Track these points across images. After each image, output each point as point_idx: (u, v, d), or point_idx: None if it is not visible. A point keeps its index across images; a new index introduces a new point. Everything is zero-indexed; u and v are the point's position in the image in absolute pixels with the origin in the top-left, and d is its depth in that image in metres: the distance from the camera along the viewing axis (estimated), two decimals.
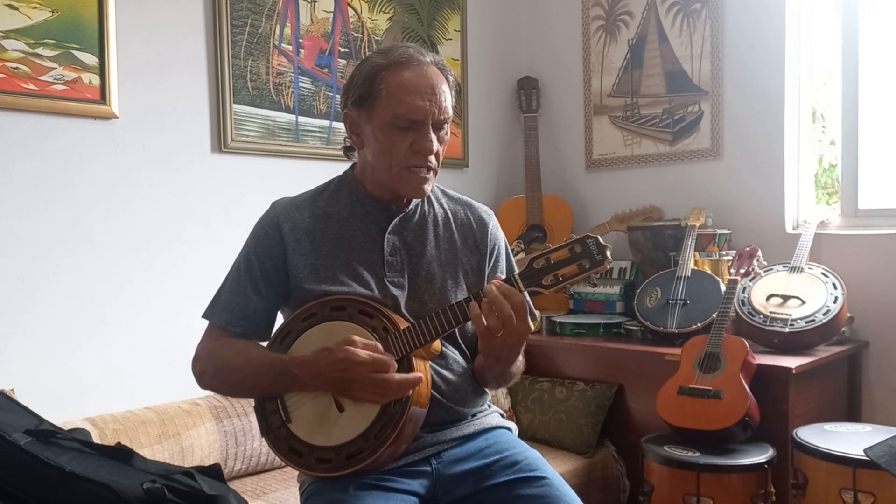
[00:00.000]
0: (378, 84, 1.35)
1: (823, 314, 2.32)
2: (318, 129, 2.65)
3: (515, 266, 1.57)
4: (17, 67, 1.96)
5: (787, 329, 2.32)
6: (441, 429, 1.41)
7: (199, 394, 1.88)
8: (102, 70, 2.10)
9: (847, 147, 2.65)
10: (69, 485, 1.24)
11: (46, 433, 1.32)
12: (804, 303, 2.37)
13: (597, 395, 2.55)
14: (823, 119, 2.85)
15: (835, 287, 2.38)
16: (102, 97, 2.11)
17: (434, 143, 1.37)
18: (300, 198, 1.48)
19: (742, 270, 2.37)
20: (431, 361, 1.36)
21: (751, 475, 2.05)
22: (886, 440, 1.63)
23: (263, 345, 1.43)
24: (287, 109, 2.55)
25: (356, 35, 2.76)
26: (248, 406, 2.18)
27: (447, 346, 1.42)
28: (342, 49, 2.72)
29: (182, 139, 2.30)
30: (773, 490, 2.09)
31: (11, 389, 1.85)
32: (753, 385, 2.14)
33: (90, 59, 2.08)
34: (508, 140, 3.40)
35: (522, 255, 2.94)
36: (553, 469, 1.42)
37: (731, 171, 2.84)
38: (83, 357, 2.09)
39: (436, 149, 1.37)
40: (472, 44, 3.19)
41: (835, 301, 2.35)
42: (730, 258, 2.50)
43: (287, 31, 2.55)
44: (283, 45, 2.54)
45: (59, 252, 2.05)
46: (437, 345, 1.35)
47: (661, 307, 2.52)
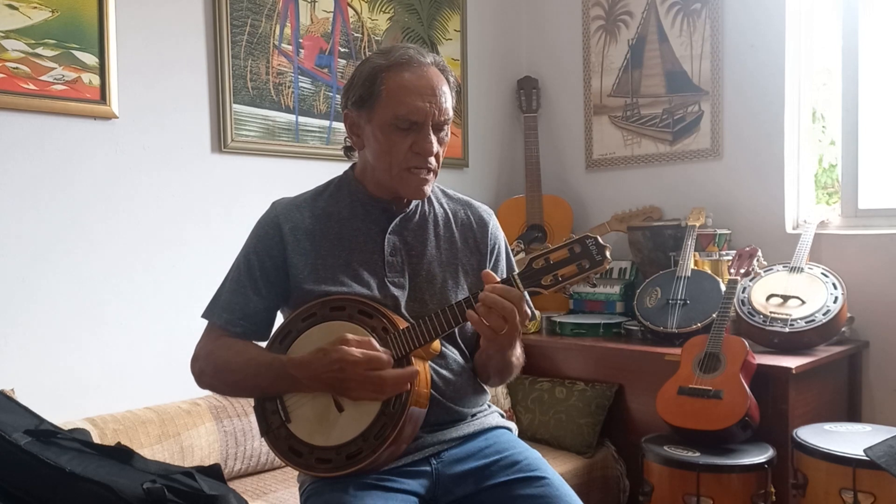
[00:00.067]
0: (378, 85, 1.35)
1: (823, 314, 2.32)
2: (318, 129, 2.65)
3: (515, 265, 1.57)
4: (17, 67, 1.96)
5: (787, 329, 2.32)
6: (441, 429, 1.41)
7: (199, 394, 1.88)
8: (102, 70, 2.10)
9: (847, 147, 2.65)
10: (69, 485, 1.24)
11: (46, 433, 1.32)
12: (804, 303, 2.37)
13: (597, 395, 2.55)
14: (823, 119, 2.85)
15: (835, 287, 2.38)
16: (102, 97, 2.11)
17: (434, 145, 1.37)
18: (300, 198, 1.48)
19: (742, 270, 2.37)
20: (431, 361, 1.36)
21: (751, 475, 2.05)
22: (886, 440, 1.63)
23: (263, 345, 1.43)
24: (287, 109, 2.55)
25: (356, 35, 2.76)
26: (248, 406, 2.18)
27: (446, 346, 1.42)
28: (342, 49, 2.72)
29: (182, 139, 2.30)
30: (773, 490, 2.09)
31: (11, 389, 1.85)
32: (753, 385, 2.14)
33: (90, 59, 2.08)
34: (508, 140, 3.40)
35: (522, 255, 2.94)
36: (553, 469, 1.42)
37: (731, 171, 2.84)
38: (83, 357, 2.09)
39: (436, 150, 1.38)
40: (472, 44, 3.19)
41: (835, 301, 2.35)
42: (730, 258, 2.50)
43: (287, 31, 2.55)
44: (283, 45, 2.54)
45: (59, 252, 2.05)
46: (437, 345, 1.35)
47: (661, 307, 2.52)
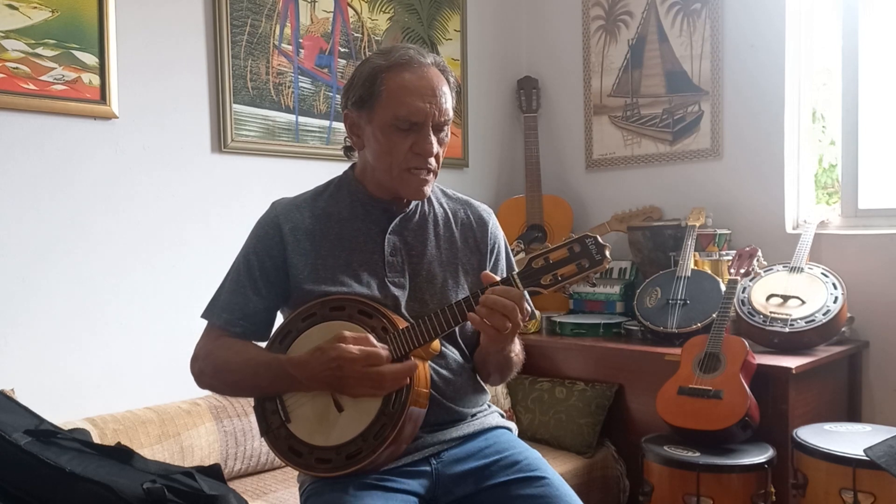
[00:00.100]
0: (379, 85, 1.35)
1: (823, 314, 2.32)
2: (318, 129, 2.65)
3: (515, 264, 1.57)
4: (17, 67, 1.96)
5: (787, 329, 2.32)
6: (441, 429, 1.41)
7: (199, 394, 1.88)
8: (102, 70, 2.10)
9: (847, 147, 2.65)
10: (69, 485, 1.24)
11: (46, 433, 1.32)
12: (804, 303, 2.37)
13: (597, 395, 2.55)
14: (823, 119, 2.85)
15: (835, 287, 2.38)
16: (102, 97, 2.11)
17: (434, 145, 1.37)
18: (300, 198, 1.48)
19: (742, 270, 2.37)
20: (431, 361, 1.36)
21: (751, 475, 2.05)
22: (886, 440, 1.63)
23: (262, 345, 1.43)
24: (287, 109, 2.55)
25: (356, 35, 2.76)
26: (248, 406, 2.18)
27: (446, 346, 1.42)
28: (342, 49, 2.72)
29: (182, 139, 2.30)
30: (773, 490, 2.09)
31: (11, 389, 1.85)
32: (753, 385, 2.14)
33: (90, 59, 2.08)
34: (508, 140, 3.40)
35: (522, 255, 2.94)
36: (553, 469, 1.42)
37: (731, 171, 2.83)
38: (83, 357, 2.09)
39: (436, 151, 1.38)
40: (472, 44, 3.19)
41: (835, 301, 2.35)
42: (730, 258, 2.50)
43: (287, 31, 2.55)
44: (283, 45, 2.54)
45: (59, 252, 2.05)
46: (437, 344, 1.35)
47: (661, 307, 2.52)
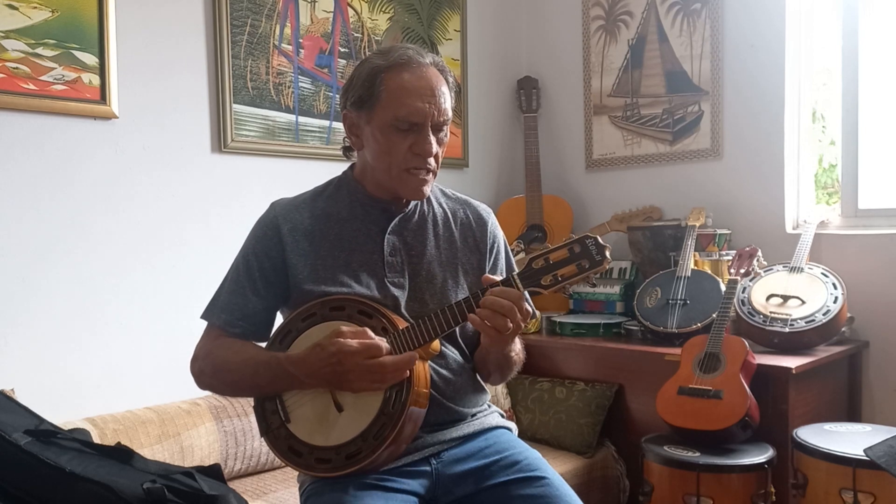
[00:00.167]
0: (378, 85, 1.35)
1: (823, 314, 2.32)
2: (318, 129, 2.65)
3: (515, 263, 1.58)
4: (17, 67, 1.96)
5: (787, 329, 2.32)
6: (441, 429, 1.41)
7: (199, 394, 1.88)
8: (102, 70, 2.10)
9: (847, 147, 2.65)
10: (69, 485, 1.24)
11: (46, 433, 1.32)
12: (804, 303, 2.37)
13: (597, 395, 2.55)
14: (823, 119, 2.85)
15: (835, 287, 2.38)
16: (102, 97, 2.11)
17: (433, 146, 1.37)
18: (299, 198, 1.48)
19: (742, 270, 2.37)
20: (431, 361, 1.36)
21: (751, 475, 2.05)
22: (886, 440, 1.63)
23: (262, 345, 1.43)
24: (287, 109, 2.55)
25: (356, 35, 2.76)
26: (248, 406, 2.18)
27: (446, 346, 1.42)
28: (342, 49, 2.72)
29: (182, 139, 2.30)
30: (773, 490, 2.09)
31: (11, 389, 1.85)
32: (753, 385, 2.13)
33: (90, 59, 2.08)
34: (508, 140, 3.40)
35: (522, 255, 2.94)
36: (553, 469, 1.42)
37: (731, 171, 2.83)
38: (83, 357, 2.09)
39: (435, 151, 1.37)
40: (472, 44, 3.19)
41: (835, 301, 2.35)
42: (730, 258, 2.50)
43: (287, 31, 2.55)
44: (283, 45, 2.54)
45: (59, 252, 2.05)
46: (437, 345, 1.35)
47: (661, 307, 2.52)
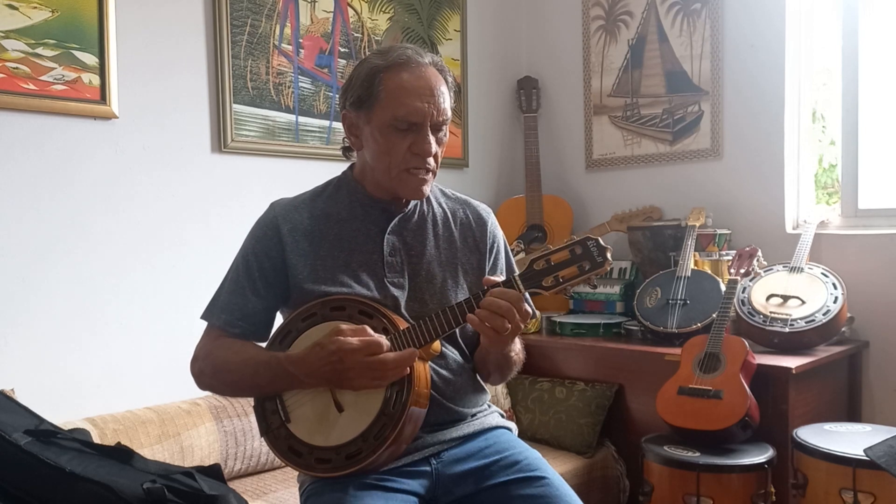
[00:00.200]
0: (377, 85, 1.35)
1: (823, 314, 2.32)
2: (318, 129, 2.65)
3: (514, 263, 1.58)
4: (17, 67, 1.96)
5: (787, 329, 2.32)
6: (441, 429, 1.41)
7: (199, 394, 1.88)
8: (102, 70, 2.10)
9: (847, 147, 2.65)
10: (69, 485, 1.24)
11: (46, 433, 1.32)
12: (804, 303, 2.37)
13: (597, 395, 2.55)
14: (823, 119, 2.85)
15: (835, 287, 2.38)
16: (102, 97, 2.11)
17: (433, 145, 1.37)
18: (299, 199, 1.48)
19: (742, 270, 2.37)
20: (431, 361, 1.36)
21: (751, 475, 2.05)
22: (886, 440, 1.63)
23: (262, 345, 1.43)
24: (287, 109, 2.55)
25: (356, 35, 2.76)
26: (248, 406, 2.18)
27: (446, 346, 1.42)
28: (342, 49, 2.72)
29: (182, 139, 2.30)
30: (773, 490, 2.09)
31: (11, 389, 1.85)
32: (753, 385, 2.13)
33: (90, 59, 2.08)
34: (508, 140, 3.40)
35: (522, 255, 2.94)
36: (553, 469, 1.42)
37: (731, 171, 2.84)
38: (83, 357, 2.09)
39: (434, 150, 1.37)
40: (472, 44, 3.19)
41: (835, 301, 2.35)
42: (730, 258, 2.50)
43: (287, 31, 2.55)
44: (283, 45, 2.54)
45: (59, 252, 2.05)
46: (437, 345, 1.35)
47: (661, 307, 2.52)
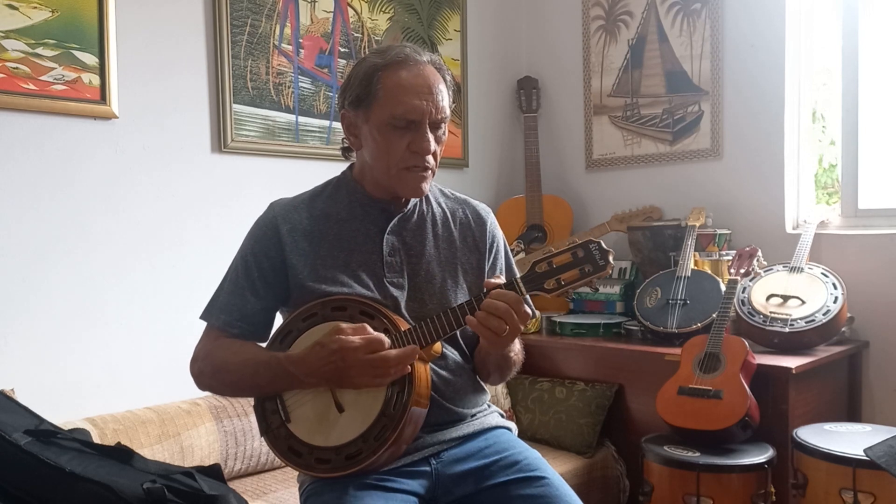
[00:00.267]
0: (375, 84, 1.34)
1: (823, 314, 2.32)
2: (318, 129, 2.65)
3: (514, 263, 1.58)
4: (17, 67, 1.96)
5: (787, 329, 2.32)
6: (441, 429, 1.41)
7: (199, 394, 1.87)
8: (102, 70, 2.10)
9: (847, 147, 2.65)
10: (69, 485, 1.24)
11: (46, 433, 1.32)
12: (804, 303, 2.37)
13: (597, 395, 2.55)
14: (823, 119, 2.85)
15: (835, 287, 2.38)
16: (102, 97, 2.11)
17: (431, 143, 1.36)
18: (298, 199, 1.47)
19: (742, 270, 2.37)
20: (431, 362, 1.36)
21: (751, 475, 2.05)
22: (886, 440, 1.63)
23: (262, 345, 1.43)
24: (287, 109, 2.55)
25: (356, 35, 2.76)
26: (248, 406, 2.18)
27: (446, 347, 1.42)
28: (342, 49, 2.72)
29: (182, 139, 2.30)
30: (773, 490, 2.09)
31: (11, 389, 1.85)
32: (753, 385, 2.13)
33: (90, 59, 2.08)
34: (508, 140, 3.40)
35: (522, 255, 2.94)
36: (553, 469, 1.42)
37: (731, 171, 2.84)
38: (83, 357, 2.09)
39: (433, 149, 1.37)
40: (472, 44, 3.19)
41: (835, 301, 2.34)
42: (730, 258, 2.50)
43: (287, 31, 2.55)
44: (283, 45, 2.54)
45: (59, 252, 2.05)
46: (438, 347, 1.35)
47: (661, 307, 2.52)
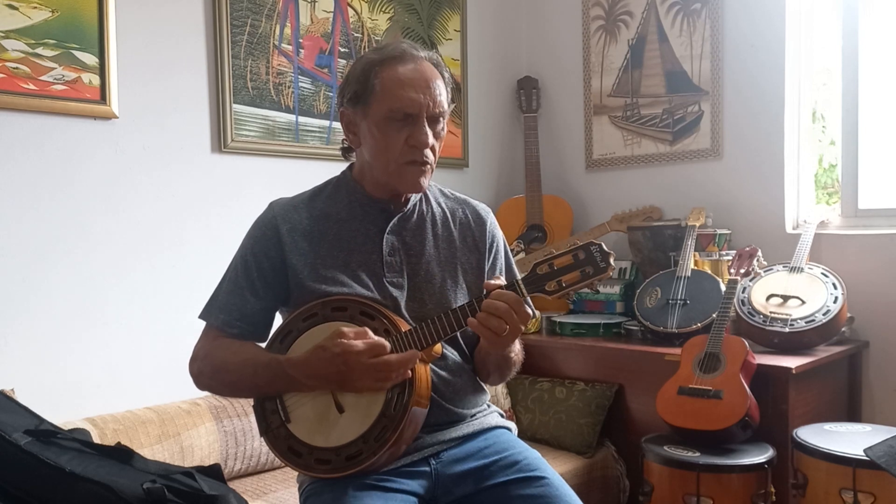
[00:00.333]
0: (372, 79, 1.35)
1: (823, 314, 2.32)
2: (318, 129, 2.65)
3: (514, 263, 1.58)
4: (17, 67, 1.96)
5: (787, 329, 2.32)
6: (440, 429, 1.41)
7: (199, 394, 1.88)
8: (102, 70, 2.10)
9: (847, 147, 2.65)
10: (69, 485, 1.24)
11: (46, 433, 1.32)
12: (804, 303, 2.37)
13: (597, 395, 2.55)
14: (823, 119, 2.85)
15: (835, 287, 2.38)
16: (102, 97, 2.11)
17: (429, 137, 1.36)
18: (297, 198, 1.47)
19: (742, 270, 2.37)
20: (431, 362, 1.36)
21: (751, 475, 2.05)
22: (886, 440, 1.63)
23: (262, 345, 1.42)
24: (287, 109, 2.55)
25: (356, 35, 2.76)
26: (248, 406, 2.18)
27: (446, 347, 1.42)
28: (342, 49, 2.72)
29: (182, 139, 2.30)
30: (773, 490, 2.09)
31: (11, 389, 1.85)
32: (753, 385, 2.13)
33: (90, 59, 2.08)
34: (508, 140, 3.40)
35: (522, 255, 2.94)
36: (553, 469, 1.42)
37: (731, 171, 2.83)
38: (83, 357, 2.09)
39: (431, 143, 1.37)
40: (472, 44, 3.19)
41: (835, 301, 2.34)
42: (730, 258, 2.50)
43: (287, 31, 2.55)
44: (283, 45, 2.54)
45: (59, 252, 2.05)
46: (439, 347, 1.35)
47: (661, 307, 2.52)
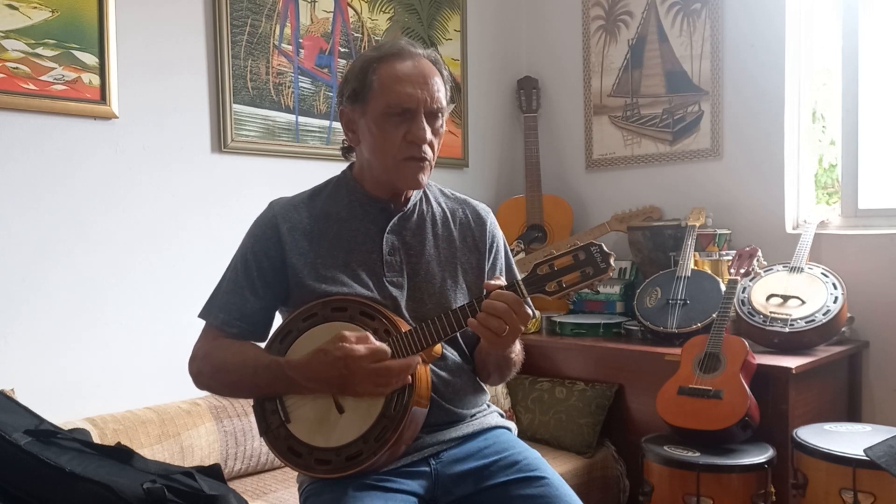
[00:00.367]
0: (370, 76, 1.35)
1: (823, 314, 2.32)
2: (318, 129, 2.65)
3: (514, 263, 1.58)
4: (17, 67, 1.96)
5: (787, 329, 2.32)
6: (440, 429, 1.41)
7: (199, 394, 1.88)
8: (102, 70, 2.10)
9: (847, 147, 2.65)
10: (69, 485, 1.24)
11: (46, 433, 1.32)
12: (804, 303, 2.37)
13: (597, 395, 2.55)
14: (823, 119, 2.85)
15: (835, 287, 2.38)
16: (102, 97, 2.11)
17: (427, 133, 1.36)
18: (297, 198, 1.47)
19: (742, 270, 2.37)
20: (431, 363, 1.36)
21: (751, 475, 2.05)
22: (886, 440, 1.63)
23: (262, 345, 1.42)
24: (287, 109, 2.55)
25: (356, 35, 2.76)
26: (248, 406, 2.18)
27: (446, 348, 1.42)
28: (342, 49, 2.72)
29: (182, 139, 2.30)
30: (773, 490, 2.09)
31: (11, 389, 1.85)
32: (753, 385, 2.13)
33: (90, 59, 2.08)
34: (508, 140, 3.40)
35: (522, 255, 2.94)
36: (553, 469, 1.42)
37: (731, 171, 2.83)
38: (83, 357, 2.09)
39: (429, 138, 1.37)
40: (472, 44, 3.19)
41: (835, 301, 2.34)
42: (730, 258, 2.50)
43: (287, 31, 2.55)
44: (283, 45, 2.54)
45: (59, 252, 2.05)
46: (439, 348, 1.35)
47: (661, 307, 2.52)
